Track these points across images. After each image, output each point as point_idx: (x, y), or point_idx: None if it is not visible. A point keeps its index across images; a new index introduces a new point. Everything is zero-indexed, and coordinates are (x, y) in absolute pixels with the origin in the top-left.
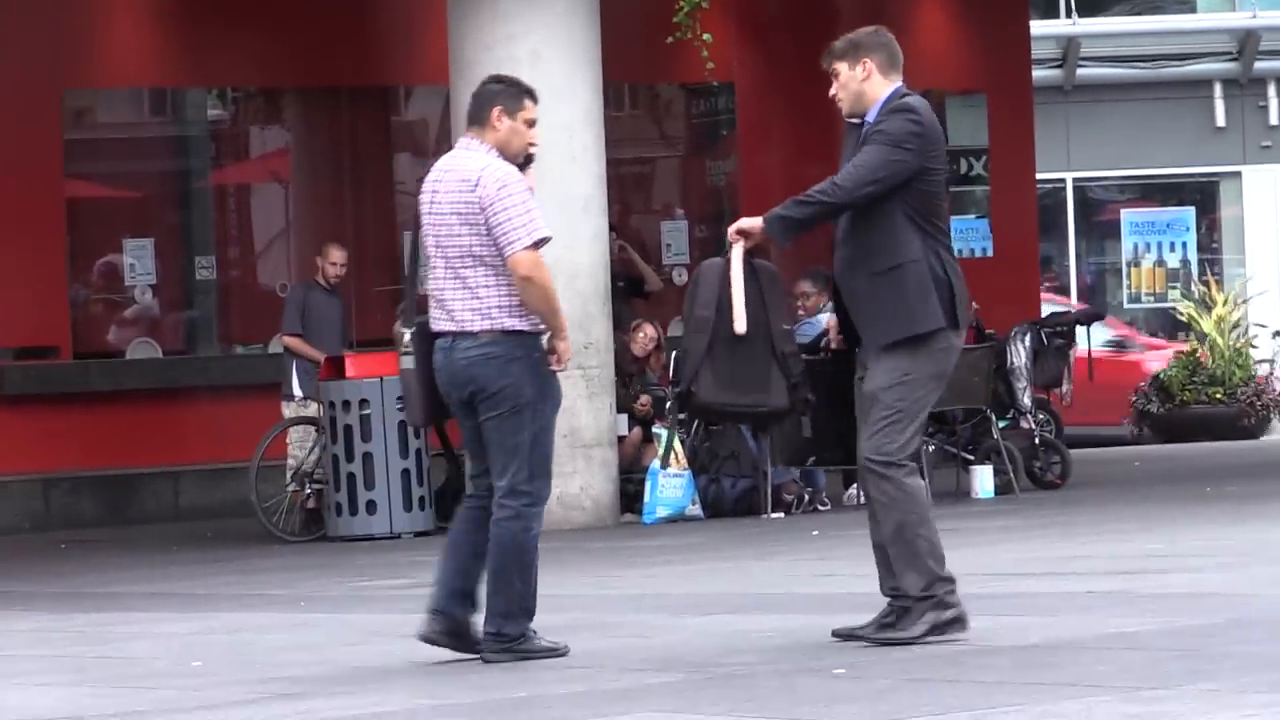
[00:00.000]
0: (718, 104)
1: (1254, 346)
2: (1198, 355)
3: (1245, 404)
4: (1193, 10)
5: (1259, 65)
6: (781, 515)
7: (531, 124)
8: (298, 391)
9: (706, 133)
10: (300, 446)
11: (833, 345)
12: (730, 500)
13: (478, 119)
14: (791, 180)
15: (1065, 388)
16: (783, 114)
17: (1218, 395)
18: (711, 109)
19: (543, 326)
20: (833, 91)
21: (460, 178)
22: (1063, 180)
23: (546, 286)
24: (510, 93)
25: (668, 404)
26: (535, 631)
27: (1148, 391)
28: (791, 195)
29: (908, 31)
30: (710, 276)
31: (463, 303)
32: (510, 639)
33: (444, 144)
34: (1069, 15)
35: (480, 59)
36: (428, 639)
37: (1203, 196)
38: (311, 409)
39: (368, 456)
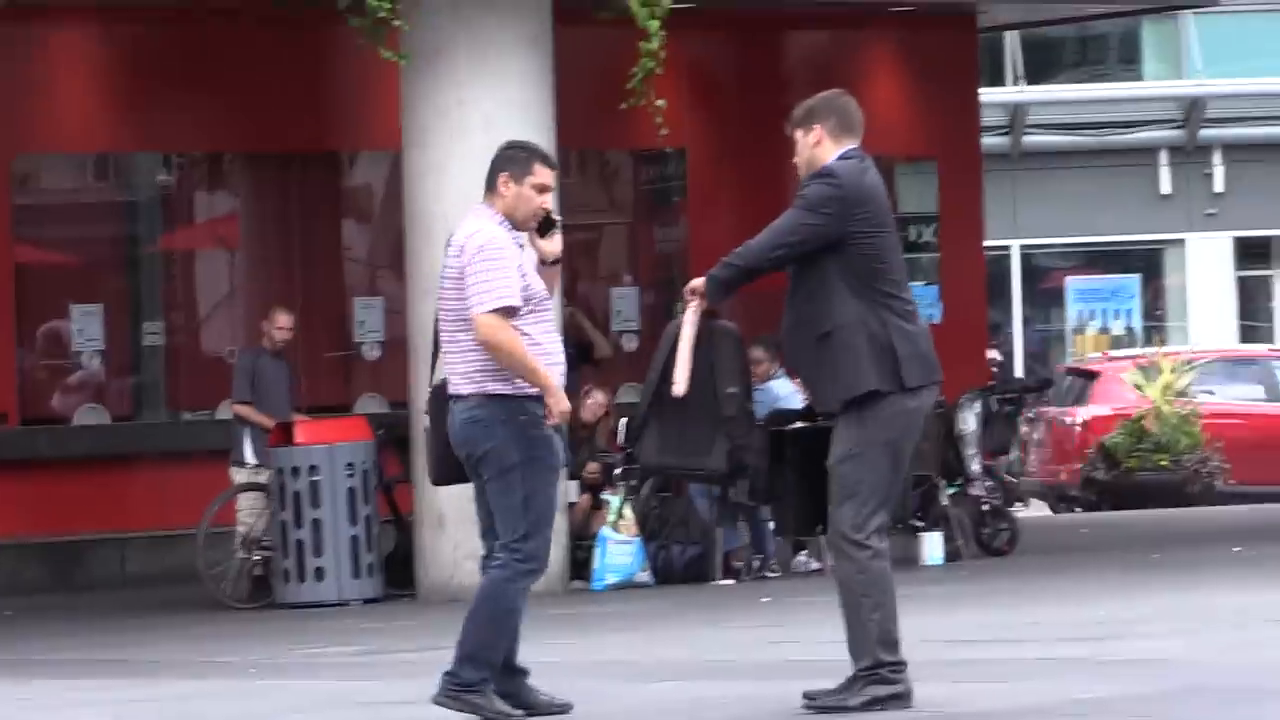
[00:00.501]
0: (668, 170)
1: (1198, 415)
2: (1144, 422)
3: (1191, 471)
4: (1139, 78)
5: (1204, 133)
6: (731, 582)
7: (543, 190)
8: (250, 458)
9: (656, 199)
10: (250, 513)
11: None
12: (680, 566)
13: (489, 185)
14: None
15: (1013, 455)
16: (733, 180)
17: (1163, 462)
18: (661, 175)
19: (533, 390)
20: (795, 157)
21: (458, 242)
22: (1008, 247)
23: (508, 348)
24: (519, 158)
25: (616, 470)
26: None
27: (1093, 458)
28: None
29: (858, 98)
30: (666, 339)
31: (454, 366)
32: (465, 684)
33: (392, 210)
34: (1016, 82)
35: (433, 124)
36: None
37: (1147, 264)
38: (264, 475)
39: (316, 523)
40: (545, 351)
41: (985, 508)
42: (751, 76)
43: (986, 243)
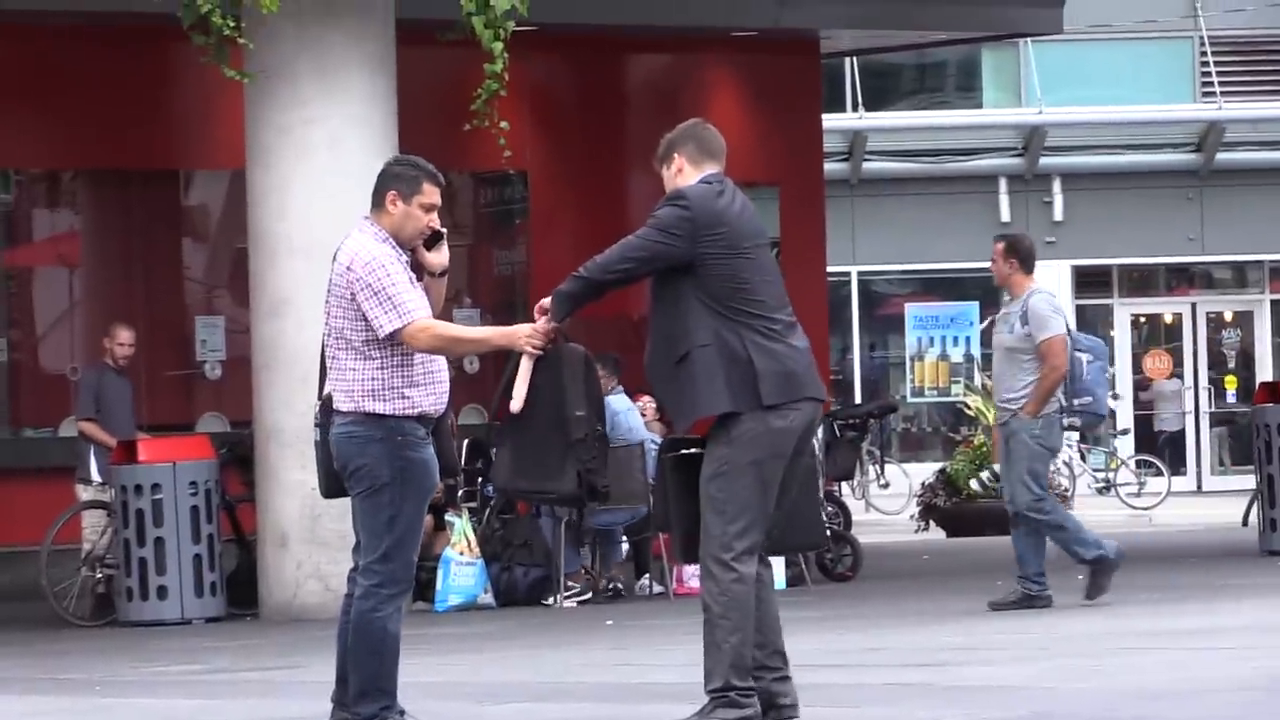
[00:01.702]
0: (509, 193)
1: None
2: (985, 448)
3: None
4: (979, 105)
5: (1044, 160)
6: (574, 604)
7: (430, 209)
8: (95, 475)
9: (498, 221)
10: (94, 530)
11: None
12: (523, 588)
13: (376, 201)
14: None
15: (858, 479)
16: (574, 203)
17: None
18: (502, 197)
19: (416, 410)
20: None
21: (343, 261)
22: (848, 273)
23: (448, 342)
24: (407, 176)
25: (459, 491)
26: (404, 713)
27: (934, 485)
28: None
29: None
30: (513, 359)
31: (334, 382)
32: (366, 719)
33: (231, 229)
34: (856, 109)
35: (277, 143)
36: None
37: (986, 292)
38: (107, 493)
39: (159, 541)
40: (433, 369)
41: (828, 533)
42: (594, 99)
43: (828, 268)
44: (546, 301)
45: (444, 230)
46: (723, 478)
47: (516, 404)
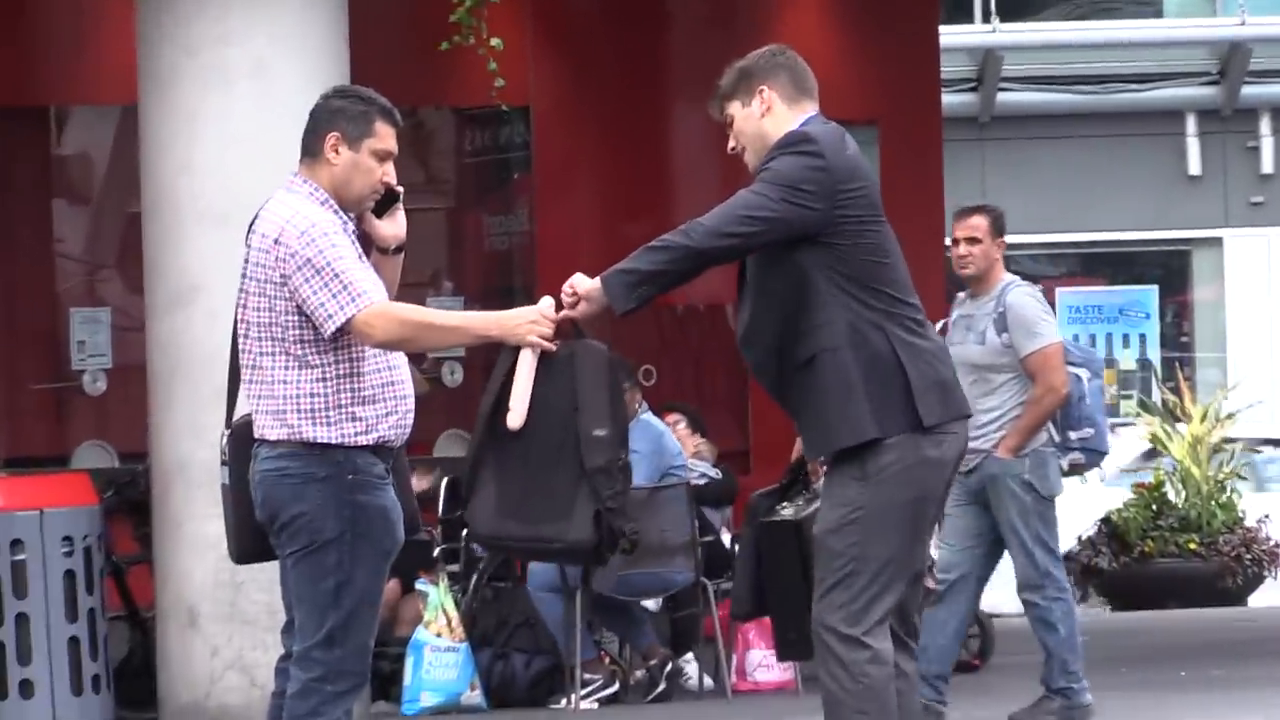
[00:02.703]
0: (505, 136)
1: (1241, 478)
2: (1164, 491)
3: (1229, 558)
4: (1158, 14)
5: (1247, 90)
6: (594, 704)
7: (385, 157)
8: None
9: (489, 176)
10: None
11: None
12: (524, 683)
13: (308, 149)
14: (607, 242)
15: None
16: (595, 150)
17: (1191, 545)
18: (496, 143)
19: (372, 436)
20: (731, 144)
21: (261, 231)
22: None
23: (414, 329)
24: (353, 113)
25: (435, 550)
26: None
27: (1095, 539)
28: (607, 258)
29: (769, 40)
30: (502, 360)
31: (255, 400)
32: None
33: (123, 187)
34: (987, 19)
35: (181, 69)
36: None
37: (1168, 272)
38: None
39: (22, 619)
40: (394, 379)
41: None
42: (622, 8)
43: (948, 239)
44: (581, 282)
45: (400, 189)
46: (855, 527)
47: (515, 418)
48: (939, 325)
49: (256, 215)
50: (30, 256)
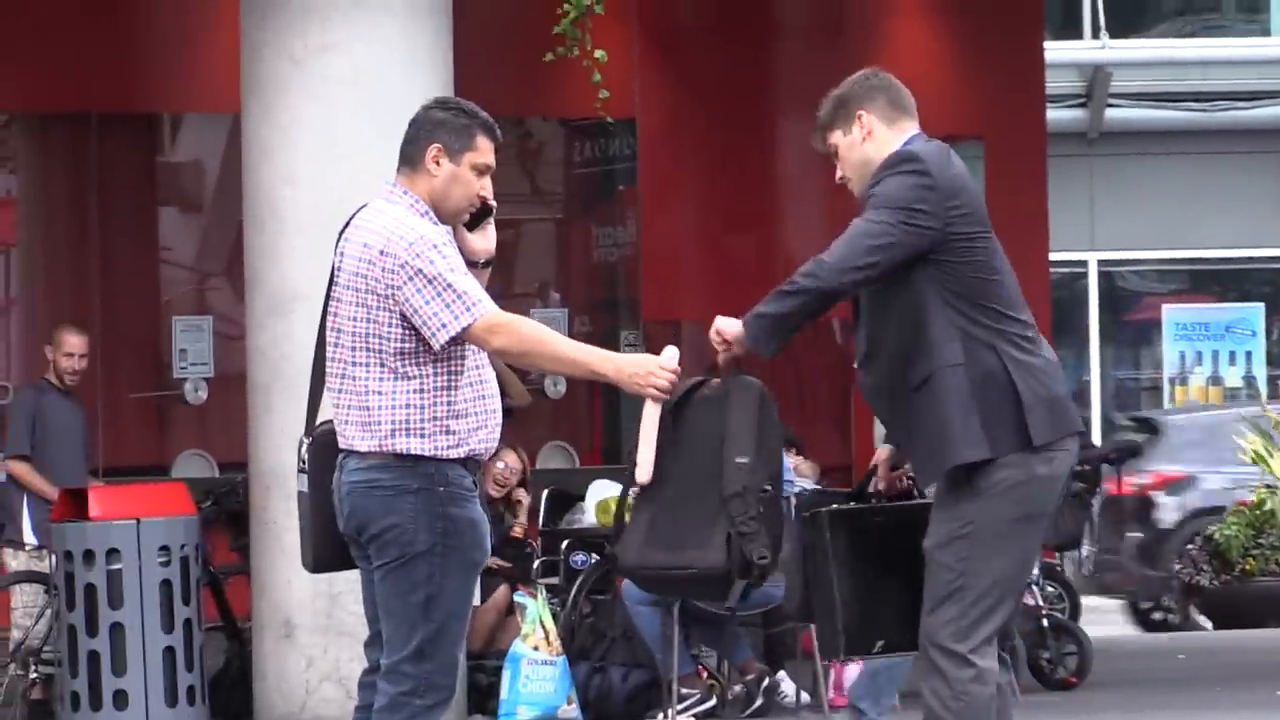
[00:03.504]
0: (611, 148)
1: None
2: (1268, 508)
3: None
4: (1267, 32)
5: None
6: (691, 719)
7: (484, 171)
8: (29, 537)
9: (595, 187)
10: (27, 613)
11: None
12: (621, 697)
13: (408, 159)
14: (712, 255)
15: (1085, 551)
16: (700, 163)
17: None
18: (603, 154)
19: (463, 450)
20: (838, 174)
21: (363, 241)
22: (1084, 262)
23: (530, 340)
24: (456, 126)
25: (535, 562)
26: None
27: (1197, 557)
28: (712, 272)
29: (876, 53)
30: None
31: (345, 410)
32: None
33: (231, 196)
34: (1096, 35)
35: (285, 75)
36: None
37: (1275, 289)
38: (46, 561)
39: (117, 629)
40: (484, 393)
41: (1045, 622)
42: (729, 21)
43: (1054, 256)
44: (726, 325)
45: (494, 204)
46: (965, 542)
47: (643, 473)
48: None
49: (349, 223)
50: (135, 264)
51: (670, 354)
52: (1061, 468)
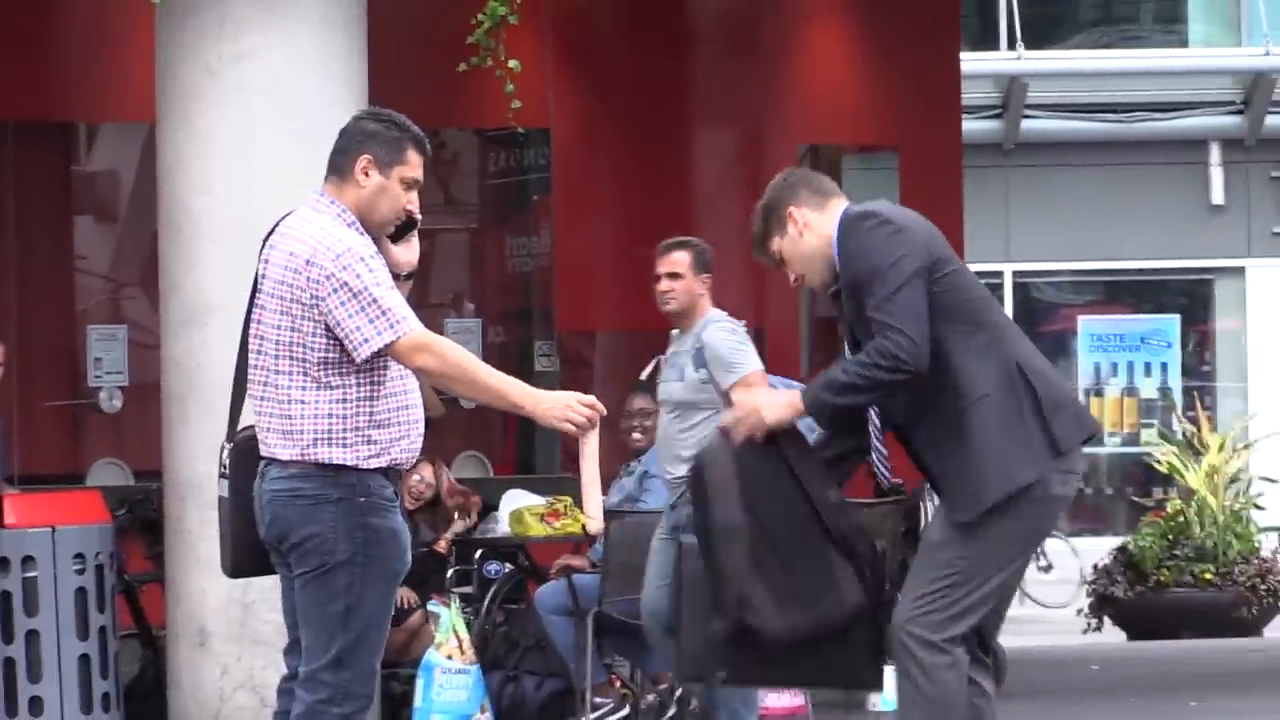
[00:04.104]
0: (525, 158)
1: (1259, 508)
2: (1181, 519)
3: (1245, 588)
4: (1184, 43)
5: (1271, 120)
6: None
7: (412, 185)
8: None
9: (510, 197)
10: None
11: None
12: (534, 706)
13: (337, 168)
14: (627, 265)
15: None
16: (616, 173)
17: (1207, 575)
18: (518, 164)
19: (384, 459)
20: (792, 278)
21: (289, 250)
22: (1000, 273)
23: (452, 366)
24: (387, 138)
25: (449, 572)
26: None
27: (1111, 568)
28: (627, 282)
29: (790, 63)
30: (722, 463)
31: (272, 419)
32: None
33: (145, 206)
34: (1012, 46)
35: (199, 87)
36: None
37: (1191, 300)
38: None
39: (33, 636)
40: (407, 403)
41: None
42: (644, 29)
43: (969, 266)
44: (767, 405)
45: (419, 218)
46: (971, 546)
47: (595, 525)
48: (652, 364)
49: (274, 230)
50: (50, 273)
51: (588, 397)
52: (1071, 491)
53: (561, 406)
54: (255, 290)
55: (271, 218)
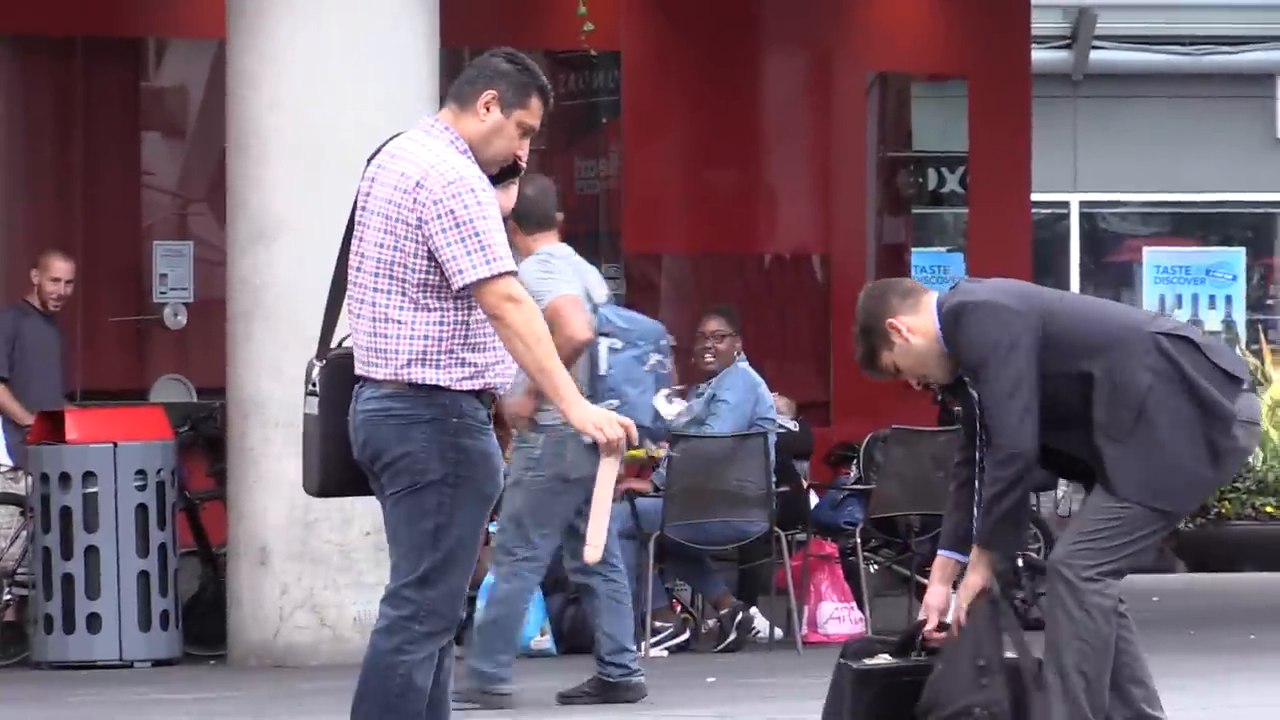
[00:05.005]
0: (598, 81)
1: None
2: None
3: None
4: None
5: None
6: (664, 652)
7: (528, 132)
8: (4, 458)
9: (579, 120)
10: (2, 535)
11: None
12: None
13: (460, 97)
14: (694, 189)
15: (1062, 491)
16: (684, 98)
17: (1269, 508)
18: (586, 87)
19: (480, 382)
20: (916, 385)
21: (400, 170)
22: (1066, 204)
23: (524, 330)
24: (516, 79)
25: None
26: None
27: None
28: (694, 206)
29: None
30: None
31: (365, 337)
32: None
33: (215, 123)
34: None
35: (271, 2)
36: None
37: (1256, 234)
38: (21, 483)
39: (92, 552)
40: (496, 344)
41: (1020, 562)
42: None
43: (1036, 197)
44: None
45: (524, 166)
46: (1134, 505)
47: (593, 553)
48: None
49: (380, 150)
50: (118, 189)
51: (628, 421)
52: (1257, 437)
53: (603, 419)
54: (356, 209)
55: (339, 137)
